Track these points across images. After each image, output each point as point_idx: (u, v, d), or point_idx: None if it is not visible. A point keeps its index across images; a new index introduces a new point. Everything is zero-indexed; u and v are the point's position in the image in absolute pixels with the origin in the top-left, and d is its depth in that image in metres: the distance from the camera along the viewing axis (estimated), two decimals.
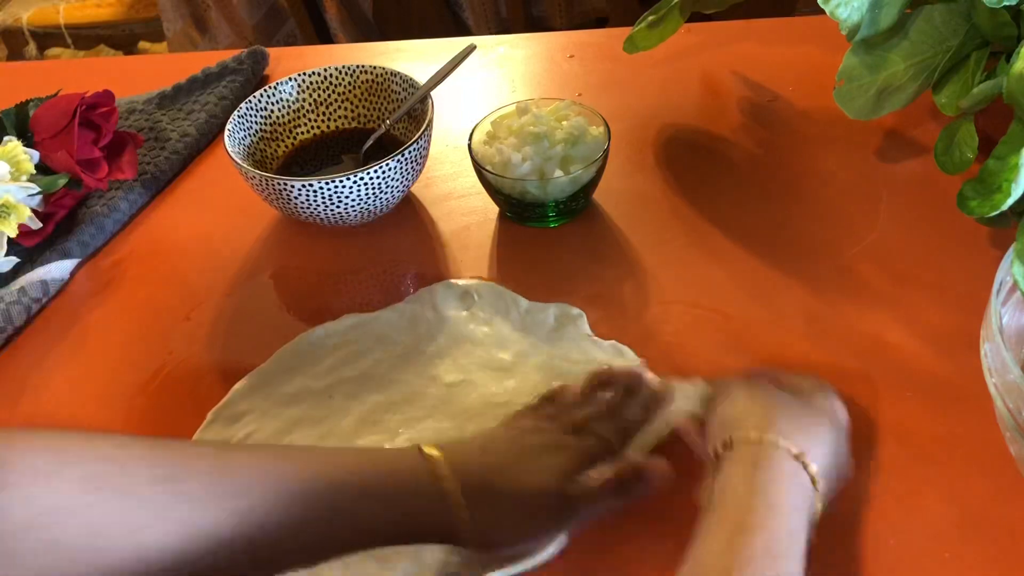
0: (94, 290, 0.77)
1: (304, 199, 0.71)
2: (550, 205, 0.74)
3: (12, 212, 0.75)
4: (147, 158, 0.87)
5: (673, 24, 0.83)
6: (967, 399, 0.58)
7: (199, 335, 0.71)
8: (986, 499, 0.53)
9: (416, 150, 0.73)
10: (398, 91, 0.81)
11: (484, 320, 0.68)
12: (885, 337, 0.63)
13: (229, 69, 0.97)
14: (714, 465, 0.49)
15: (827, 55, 0.77)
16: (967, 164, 0.69)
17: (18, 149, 0.77)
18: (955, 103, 0.70)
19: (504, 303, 0.69)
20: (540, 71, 0.97)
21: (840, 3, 0.69)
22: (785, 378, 0.55)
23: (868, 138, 0.80)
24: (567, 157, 0.73)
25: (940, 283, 0.67)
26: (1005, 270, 0.53)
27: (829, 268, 0.69)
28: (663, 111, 0.87)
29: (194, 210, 0.84)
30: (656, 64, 0.92)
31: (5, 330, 0.72)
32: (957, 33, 0.70)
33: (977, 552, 0.51)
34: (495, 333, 0.67)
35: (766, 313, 0.66)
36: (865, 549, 0.52)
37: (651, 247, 0.73)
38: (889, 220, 0.72)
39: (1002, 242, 0.67)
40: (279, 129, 0.82)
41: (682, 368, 0.62)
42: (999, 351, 0.48)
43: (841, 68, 0.72)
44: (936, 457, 0.56)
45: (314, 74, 0.82)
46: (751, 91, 0.89)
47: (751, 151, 0.82)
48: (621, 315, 0.67)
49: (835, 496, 0.50)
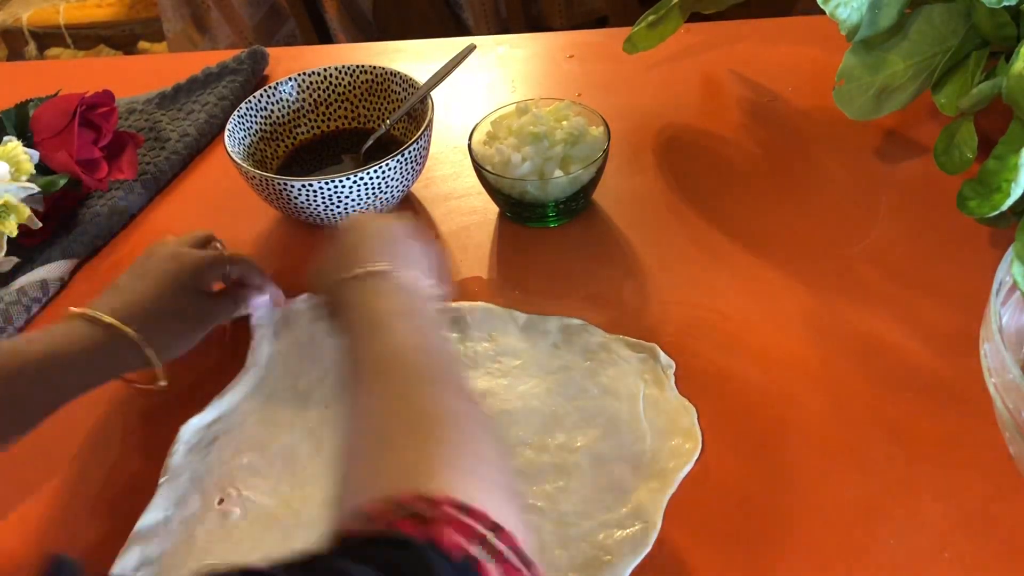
0: (94, 290, 0.76)
1: (304, 199, 0.71)
2: (550, 205, 0.74)
3: (12, 212, 0.75)
4: (147, 158, 0.87)
5: (673, 24, 0.83)
6: (967, 399, 0.58)
7: None
8: (986, 499, 0.53)
9: (416, 150, 0.73)
10: (398, 91, 0.81)
11: (481, 339, 0.67)
12: (885, 337, 0.63)
13: (229, 69, 0.97)
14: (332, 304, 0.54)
15: (827, 55, 0.77)
16: (967, 164, 0.69)
17: (18, 149, 0.77)
18: (955, 103, 0.70)
19: (501, 321, 0.67)
20: (540, 71, 0.97)
21: (840, 3, 0.69)
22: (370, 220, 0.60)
23: (868, 138, 0.80)
24: (567, 157, 0.73)
25: (940, 283, 0.67)
26: (1005, 270, 0.53)
27: (829, 268, 0.69)
28: (663, 111, 0.87)
29: (194, 210, 0.84)
30: (656, 64, 0.92)
31: (5, 330, 0.72)
32: (957, 33, 0.70)
33: (977, 552, 0.51)
34: (497, 345, 0.66)
35: (766, 313, 0.66)
36: (865, 549, 0.52)
37: (651, 247, 0.73)
38: (889, 220, 0.72)
39: (1002, 242, 0.67)
40: (279, 129, 0.82)
41: (683, 368, 0.62)
42: (999, 351, 0.48)
43: (841, 68, 0.72)
44: (936, 457, 0.56)
45: (314, 74, 0.82)
46: (751, 91, 0.89)
47: (751, 151, 0.82)
48: (621, 315, 0.67)
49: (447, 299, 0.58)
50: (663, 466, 0.56)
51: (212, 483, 0.59)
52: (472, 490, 0.38)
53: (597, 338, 0.65)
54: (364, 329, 0.50)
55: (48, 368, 0.56)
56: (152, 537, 0.56)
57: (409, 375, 0.46)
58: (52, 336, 0.57)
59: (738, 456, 0.57)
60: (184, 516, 0.58)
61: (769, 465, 0.57)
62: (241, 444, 0.62)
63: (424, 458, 0.40)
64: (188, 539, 0.56)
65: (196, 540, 0.56)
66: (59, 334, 0.58)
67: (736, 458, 0.57)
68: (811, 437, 0.58)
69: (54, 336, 0.57)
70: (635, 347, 0.64)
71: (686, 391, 0.61)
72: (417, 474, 0.39)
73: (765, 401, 0.60)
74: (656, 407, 0.60)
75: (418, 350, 0.47)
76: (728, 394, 0.61)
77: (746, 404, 0.60)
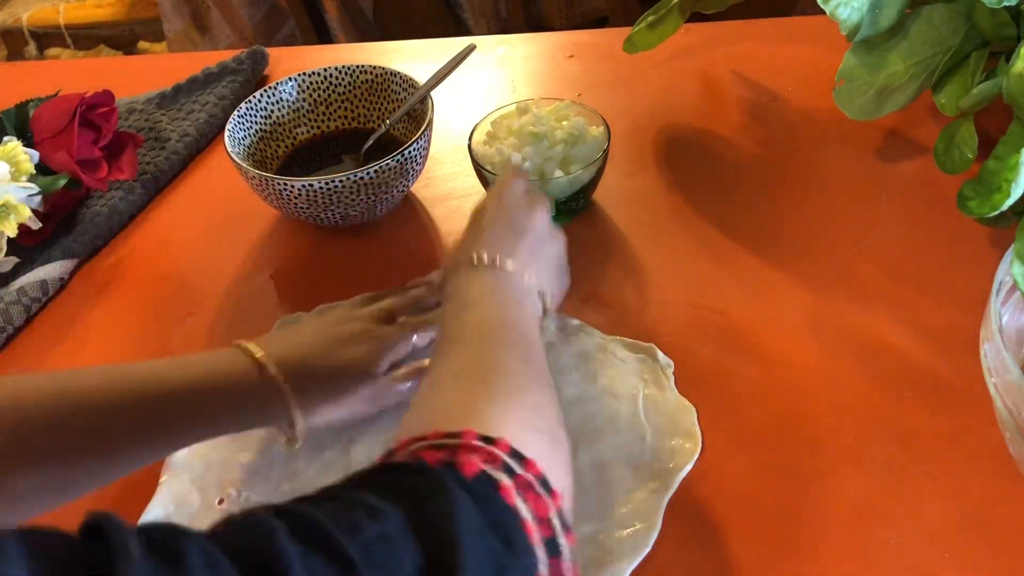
0: (94, 290, 0.77)
1: (304, 199, 0.71)
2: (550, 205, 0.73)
3: (12, 212, 0.75)
4: (147, 158, 0.87)
5: (673, 24, 0.83)
6: (967, 399, 0.58)
7: (199, 335, 0.71)
8: (986, 499, 0.53)
9: (416, 150, 0.73)
10: (398, 91, 0.81)
11: None
12: (885, 337, 0.63)
13: (229, 69, 0.97)
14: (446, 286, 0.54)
15: (827, 55, 0.77)
16: (967, 164, 0.69)
17: (18, 149, 0.77)
18: (955, 103, 0.70)
19: None
20: (540, 71, 0.97)
21: (840, 3, 0.69)
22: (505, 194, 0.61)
23: (868, 138, 0.80)
24: (567, 157, 0.72)
25: (940, 283, 0.67)
26: (1005, 270, 0.53)
27: (829, 268, 0.69)
28: (663, 111, 0.87)
29: (194, 210, 0.84)
30: (656, 64, 0.92)
31: (5, 330, 0.72)
32: (957, 33, 0.70)
33: (977, 552, 0.51)
34: None
35: (766, 313, 0.66)
36: (865, 549, 0.52)
37: (651, 247, 0.73)
38: (889, 220, 0.72)
39: (1002, 242, 0.67)
40: (279, 129, 0.82)
41: (683, 368, 0.62)
42: (999, 351, 0.48)
43: (841, 68, 0.72)
44: (936, 457, 0.56)
45: (314, 74, 0.82)
46: (751, 91, 0.89)
47: (751, 151, 0.82)
48: (621, 315, 0.67)
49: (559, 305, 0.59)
50: (663, 466, 0.56)
51: (212, 483, 0.59)
52: (500, 426, 0.38)
53: (595, 339, 0.65)
54: (458, 307, 0.51)
55: (201, 404, 0.53)
56: None
57: (483, 340, 0.47)
58: (210, 368, 0.54)
59: (738, 456, 0.57)
60: (184, 516, 0.58)
61: (769, 465, 0.57)
62: (241, 444, 0.62)
63: (464, 399, 0.41)
64: None
65: None
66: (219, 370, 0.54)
67: (736, 458, 0.57)
68: (811, 437, 0.58)
69: (213, 368, 0.54)
70: (633, 347, 0.64)
71: (686, 391, 0.61)
72: (453, 413, 0.40)
73: (765, 401, 0.60)
74: (656, 407, 0.60)
75: (500, 324, 0.49)
76: (728, 394, 0.61)
77: (746, 404, 0.60)
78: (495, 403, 0.41)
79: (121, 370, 0.53)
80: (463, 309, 0.50)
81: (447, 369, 0.46)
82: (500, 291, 0.52)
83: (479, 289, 0.52)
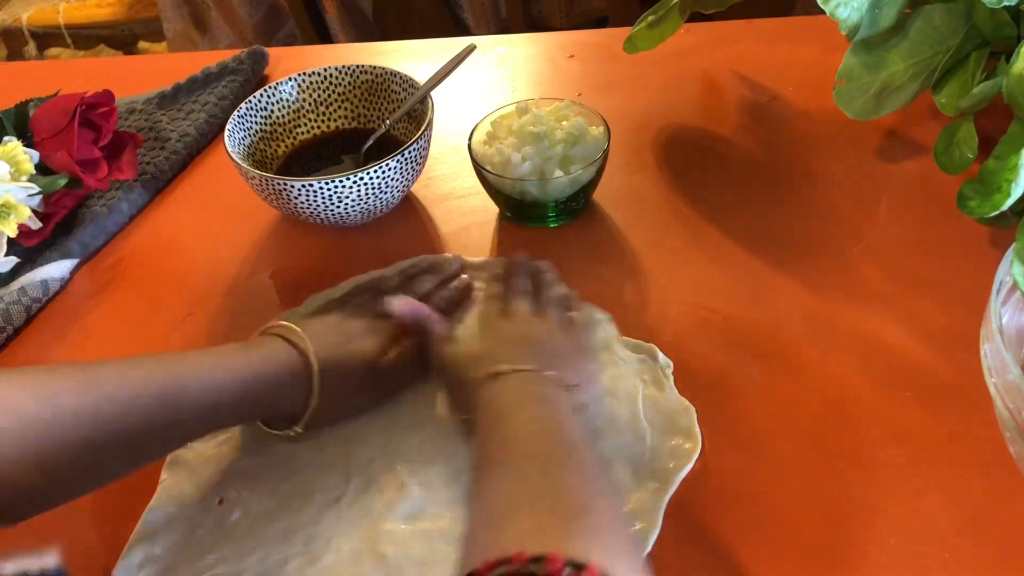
0: (94, 290, 0.77)
1: (304, 199, 0.71)
2: (550, 205, 0.74)
3: (12, 212, 0.75)
4: (147, 158, 0.87)
5: (673, 24, 0.83)
6: (967, 399, 0.58)
7: (199, 335, 0.71)
8: (986, 499, 0.53)
9: (416, 150, 0.73)
10: (398, 91, 0.81)
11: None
12: (885, 337, 0.63)
13: (229, 69, 0.97)
14: (475, 392, 0.53)
15: (827, 55, 0.77)
16: (967, 164, 0.69)
17: (18, 149, 0.77)
18: (955, 103, 0.70)
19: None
20: (540, 71, 0.97)
21: (840, 3, 0.69)
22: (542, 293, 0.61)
23: (868, 138, 0.80)
24: (567, 157, 0.72)
25: (940, 283, 0.67)
26: (1005, 270, 0.53)
27: (829, 268, 0.69)
28: (663, 111, 0.88)
29: (194, 210, 0.84)
30: (656, 64, 0.92)
31: (5, 330, 0.72)
32: (957, 33, 0.70)
33: (977, 552, 0.51)
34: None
35: (766, 313, 0.66)
36: (865, 549, 0.52)
37: (651, 247, 0.73)
38: (889, 220, 0.72)
39: (1002, 242, 0.67)
40: (279, 129, 0.82)
41: (683, 368, 0.62)
42: (999, 351, 0.48)
43: (841, 68, 0.72)
44: (936, 457, 0.56)
45: (314, 74, 0.82)
46: (751, 91, 0.89)
47: (751, 151, 0.82)
48: (621, 315, 0.67)
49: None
50: (663, 466, 0.56)
51: (212, 483, 0.59)
52: (586, 550, 0.37)
53: (607, 338, 0.65)
54: (492, 420, 0.50)
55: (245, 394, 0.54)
56: (154, 537, 0.56)
57: (533, 460, 0.46)
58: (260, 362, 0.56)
59: (738, 456, 0.57)
60: (184, 516, 0.58)
61: (769, 465, 0.57)
62: (242, 444, 0.62)
63: (538, 525, 0.40)
64: (189, 539, 0.56)
65: (196, 540, 0.56)
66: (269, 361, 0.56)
67: (736, 458, 0.57)
68: (811, 437, 0.58)
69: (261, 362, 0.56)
70: (635, 348, 0.64)
71: (685, 391, 0.61)
72: (531, 539, 0.39)
73: (765, 401, 0.60)
74: (655, 407, 0.60)
75: (544, 433, 0.48)
76: (728, 394, 0.61)
77: (746, 404, 0.60)
78: (572, 528, 0.40)
79: (174, 358, 0.56)
80: (498, 422, 0.49)
81: (506, 497, 0.44)
82: (538, 393, 0.51)
83: (506, 401, 0.51)
